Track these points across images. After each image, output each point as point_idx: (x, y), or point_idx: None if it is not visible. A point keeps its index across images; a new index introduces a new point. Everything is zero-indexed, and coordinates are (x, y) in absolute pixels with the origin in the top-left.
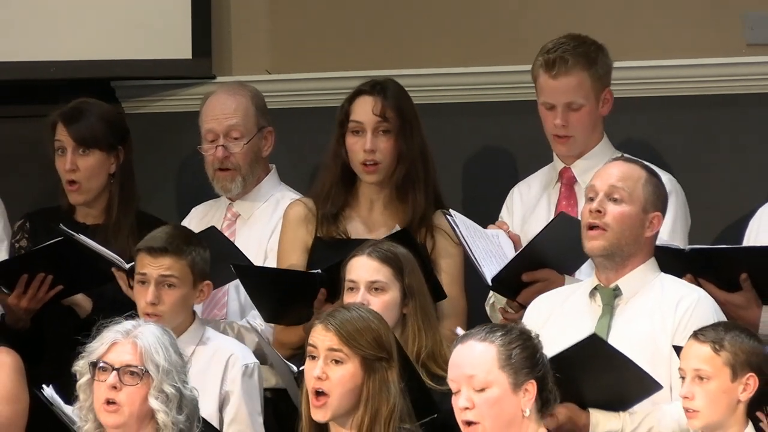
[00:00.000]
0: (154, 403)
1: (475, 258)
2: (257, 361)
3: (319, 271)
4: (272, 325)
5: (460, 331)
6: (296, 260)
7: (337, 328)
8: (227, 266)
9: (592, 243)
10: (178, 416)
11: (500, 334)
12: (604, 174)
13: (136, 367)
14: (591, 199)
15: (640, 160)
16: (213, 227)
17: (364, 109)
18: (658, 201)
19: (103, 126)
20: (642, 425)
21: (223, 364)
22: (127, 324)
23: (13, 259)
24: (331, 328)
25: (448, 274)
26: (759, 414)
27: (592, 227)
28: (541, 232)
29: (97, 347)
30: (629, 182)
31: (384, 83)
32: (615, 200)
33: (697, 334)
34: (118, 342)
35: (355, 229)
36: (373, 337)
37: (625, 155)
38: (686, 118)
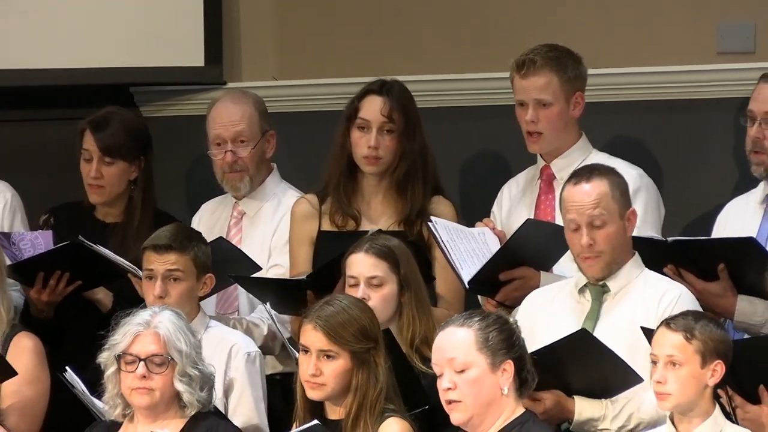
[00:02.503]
0: (180, 386)
1: (453, 263)
2: (259, 350)
3: (304, 278)
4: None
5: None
6: (304, 253)
7: (325, 330)
8: (234, 270)
9: (592, 271)
10: (202, 393)
11: (477, 319)
12: (578, 205)
13: (161, 355)
14: (576, 231)
15: (597, 165)
16: (221, 237)
17: (372, 108)
18: (626, 197)
19: (128, 137)
20: (623, 412)
21: (226, 353)
22: (144, 314)
23: (27, 261)
24: (319, 329)
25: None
26: (720, 391)
27: (586, 258)
28: (512, 237)
29: (120, 340)
30: (603, 203)
31: (391, 84)
32: (598, 226)
33: (669, 323)
34: (141, 333)
35: (357, 219)
36: (358, 329)
37: (578, 169)
38: (661, 120)
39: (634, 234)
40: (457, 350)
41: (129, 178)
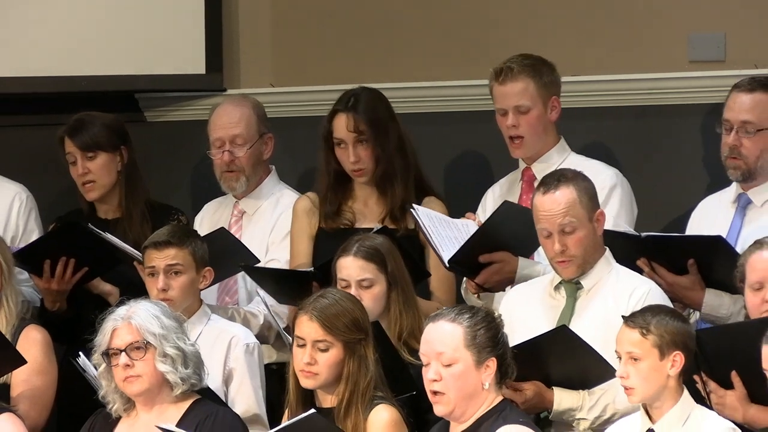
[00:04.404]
0: (162, 367)
1: (435, 244)
2: (257, 341)
3: (312, 269)
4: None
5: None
6: (304, 247)
7: (320, 319)
8: (234, 260)
9: (566, 273)
10: (186, 370)
11: (468, 316)
12: (547, 214)
13: (138, 341)
14: (548, 238)
15: (564, 171)
16: (223, 228)
17: (341, 127)
18: (594, 200)
19: (104, 131)
20: (599, 402)
21: (226, 344)
22: (121, 310)
23: (32, 247)
24: (314, 319)
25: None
26: (695, 377)
27: (560, 261)
28: (489, 217)
29: (102, 339)
30: (572, 210)
31: (356, 97)
32: (568, 233)
33: (627, 320)
34: (118, 327)
35: (353, 219)
36: (351, 320)
37: (546, 176)
38: (636, 125)
39: (611, 228)
40: (445, 345)
41: (116, 169)
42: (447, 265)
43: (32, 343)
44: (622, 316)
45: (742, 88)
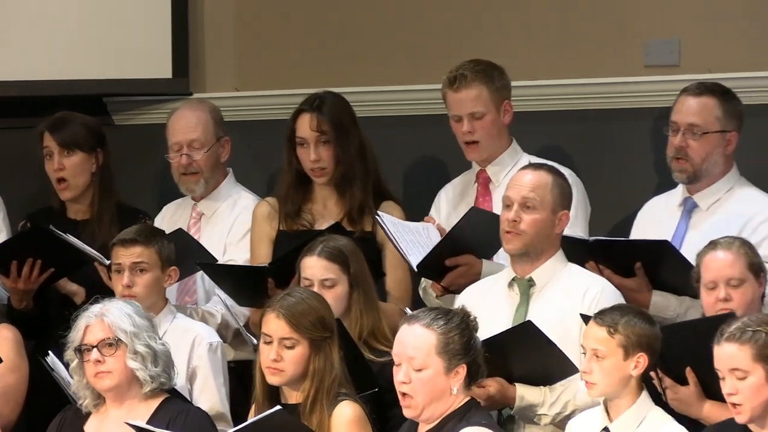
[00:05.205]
0: (132, 363)
1: (402, 249)
2: (221, 340)
3: (266, 265)
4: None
5: (408, 311)
6: (264, 251)
7: (287, 316)
8: (192, 260)
9: (509, 245)
10: (155, 368)
11: (442, 322)
12: (517, 185)
13: (109, 338)
14: (508, 207)
15: (546, 163)
16: (180, 229)
17: (304, 126)
18: (565, 200)
19: (84, 131)
20: (560, 399)
21: (190, 343)
22: (95, 308)
23: None
24: (281, 317)
25: (394, 256)
26: (652, 374)
27: (508, 231)
28: (457, 223)
29: (75, 335)
30: (539, 191)
31: (321, 99)
32: (528, 208)
33: (596, 317)
34: (91, 324)
35: (312, 221)
36: (317, 318)
37: (533, 162)
38: (592, 128)
39: (566, 234)
40: (417, 350)
41: (90, 171)
42: (416, 270)
43: (4, 341)
44: (582, 315)
45: (690, 91)
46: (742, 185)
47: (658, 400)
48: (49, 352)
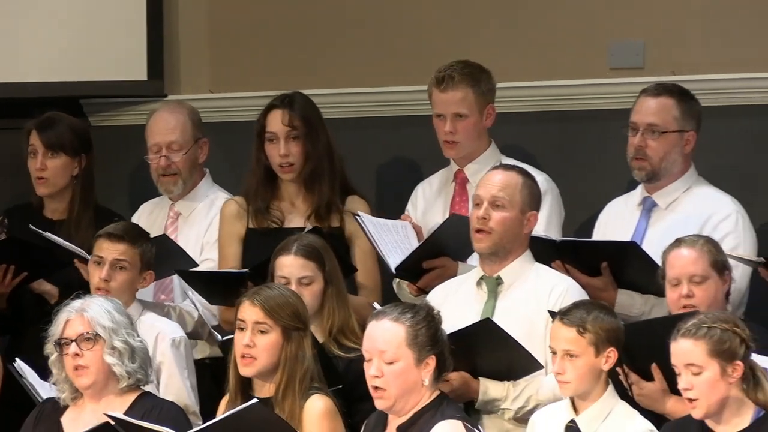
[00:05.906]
0: (109, 359)
1: (381, 251)
2: (184, 335)
3: (247, 270)
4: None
5: (377, 305)
6: (233, 250)
7: (262, 303)
8: (172, 264)
9: (479, 244)
10: (132, 365)
11: (410, 315)
12: (487, 184)
13: (88, 333)
14: (477, 206)
15: (518, 165)
16: (164, 235)
17: (275, 121)
18: (534, 201)
19: (70, 134)
20: (523, 393)
21: (153, 340)
22: (76, 303)
23: None
24: (257, 303)
25: (362, 250)
26: (618, 369)
27: (478, 230)
28: (437, 228)
29: (55, 329)
30: (509, 190)
31: (291, 97)
32: (497, 207)
33: (562, 317)
34: (71, 318)
35: (282, 218)
36: (291, 311)
37: (505, 163)
38: (558, 129)
39: (534, 234)
40: (388, 344)
41: (71, 174)
42: (394, 272)
43: None
44: (550, 312)
45: (649, 92)
46: (700, 184)
47: (624, 394)
48: (16, 358)
